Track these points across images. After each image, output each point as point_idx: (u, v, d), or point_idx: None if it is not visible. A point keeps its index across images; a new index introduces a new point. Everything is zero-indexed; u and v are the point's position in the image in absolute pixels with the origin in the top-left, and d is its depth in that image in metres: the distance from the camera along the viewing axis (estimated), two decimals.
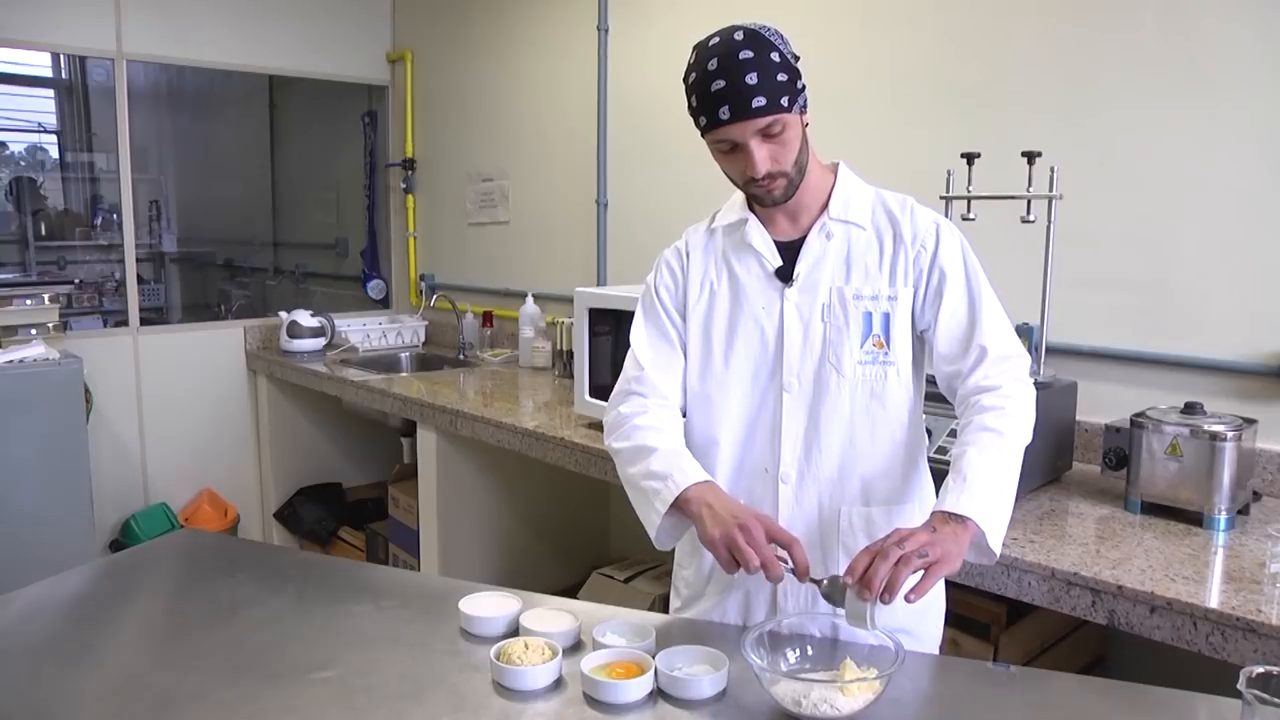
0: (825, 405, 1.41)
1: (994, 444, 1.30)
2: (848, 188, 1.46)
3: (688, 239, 1.55)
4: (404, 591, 1.59)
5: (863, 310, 1.41)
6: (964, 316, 1.41)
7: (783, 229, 1.47)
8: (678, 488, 1.34)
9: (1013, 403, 1.34)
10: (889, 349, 1.41)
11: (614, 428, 1.50)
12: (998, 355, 1.39)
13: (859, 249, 1.43)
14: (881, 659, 1.21)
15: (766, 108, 1.29)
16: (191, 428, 4.01)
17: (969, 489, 1.25)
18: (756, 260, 1.46)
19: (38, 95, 5.15)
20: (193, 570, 1.74)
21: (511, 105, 3.85)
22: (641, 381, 1.50)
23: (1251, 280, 1.98)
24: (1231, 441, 1.75)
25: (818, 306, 1.42)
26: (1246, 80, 1.96)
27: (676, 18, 3.14)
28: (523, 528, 3.31)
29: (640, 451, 1.42)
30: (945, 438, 1.89)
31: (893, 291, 1.41)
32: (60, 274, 4.60)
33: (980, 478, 1.27)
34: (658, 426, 1.45)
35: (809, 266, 1.43)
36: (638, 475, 1.41)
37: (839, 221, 1.44)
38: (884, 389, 1.41)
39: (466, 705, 1.20)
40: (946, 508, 1.25)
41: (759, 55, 1.29)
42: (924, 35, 2.48)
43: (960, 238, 1.45)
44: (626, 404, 1.50)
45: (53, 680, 1.29)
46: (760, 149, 1.33)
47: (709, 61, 1.31)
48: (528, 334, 3.58)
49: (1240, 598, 1.43)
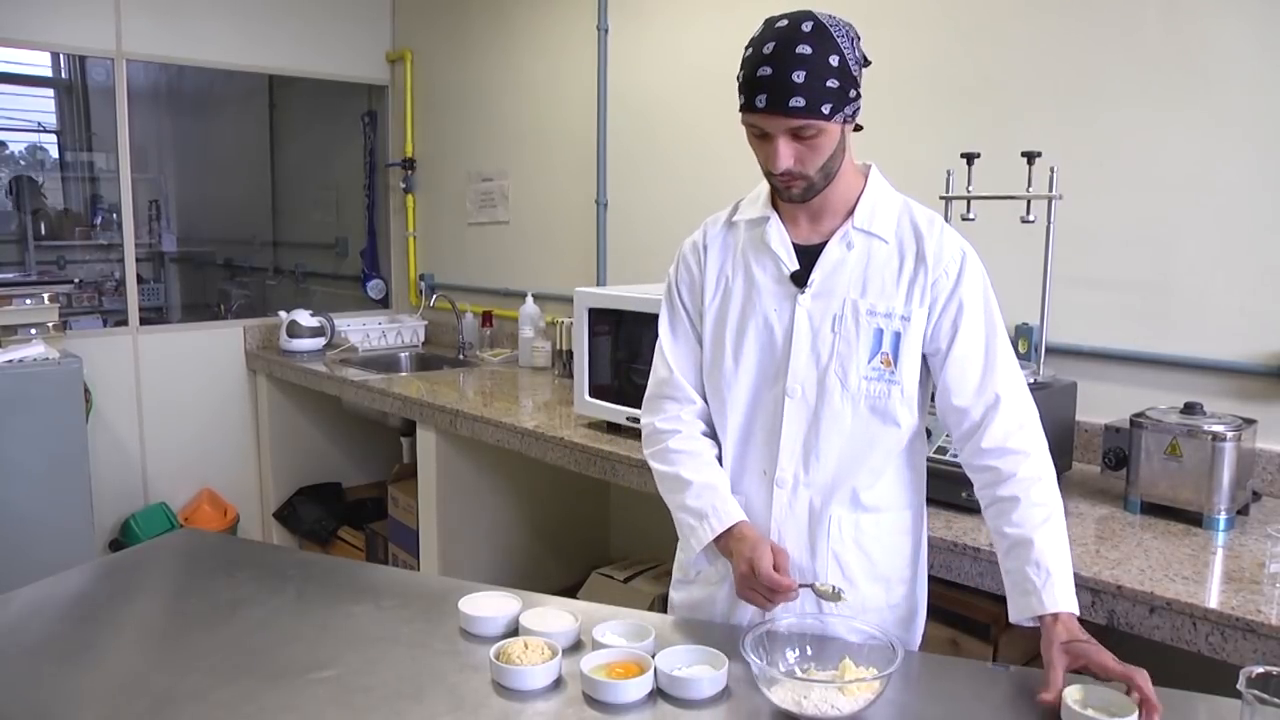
0: (826, 415, 1.40)
1: (1055, 524, 1.34)
2: (876, 196, 1.42)
3: (706, 231, 1.53)
4: (404, 591, 1.59)
5: (875, 326, 1.38)
6: (979, 357, 1.39)
7: (804, 231, 1.44)
8: (712, 532, 1.41)
9: (1049, 471, 1.37)
10: (896, 368, 1.39)
11: (651, 443, 1.54)
12: (1014, 408, 1.38)
13: (879, 262, 1.40)
14: (881, 659, 1.21)
15: (803, 110, 1.25)
16: (191, 427, 4.01)
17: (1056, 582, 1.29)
18: (773, 261, 1.43)
19: (38, 95, 5.15)
20: (192, 570, 1.74)
21: (511, 105, 3.85)
22: (672, 385, 1.52)
23: (1251, 280, 1.98)
24: (1231, 441, 1.75)
25: (829, 316, 1.40)
26: (1246, 80, 1.96)
27: (676, 18, 3.13)
28: (523, 528, 3.31)
29: (677, 482, 1.47)
30: (945, 437, 1.89)
31: (906, 311, 1.38)
32: (60, 274, 4.60)
33: (1060, 568, 1.30)
34: (693, 451, 1.48)
35: (825, 274, 1.40)
36: (676, 506, 1.48)
37: (862, 232, 1.40)
38: (886, 406, 1.40)
39: (466, 705, 1.20)
40: (1056, 609, 1.26)
41: (816, 53, 1.25)
42: (924, 35, 2.48)
43: (984, 272, 1.42)
44: (661, 417, 1.53)
45: (53, 680, 1.29)
46: (787, 146, 1.30)
47: (766, 43, 1.27)
48: (527, 334, 3.58)
49: (1240, 598, 1.43)
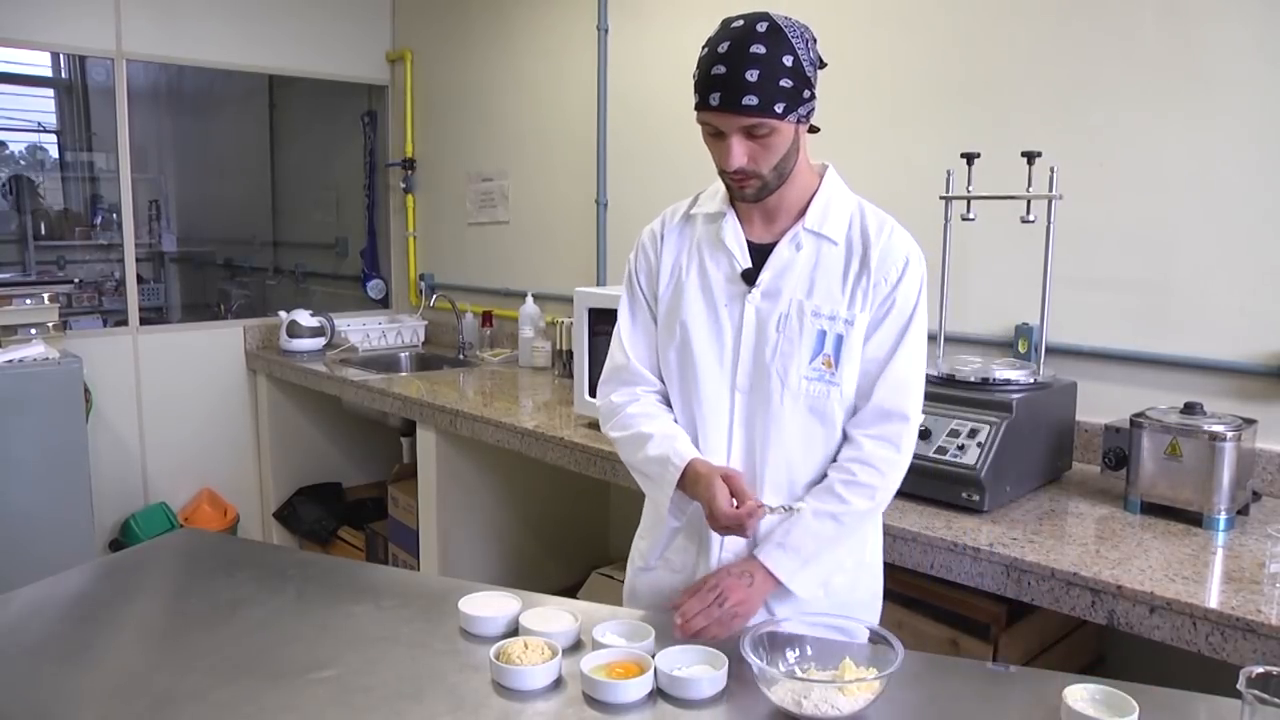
0: (770, 413, 1.44)
1: (832, 510, 1.40)
2: (829, 197, 1.46)
3: (664, 221, 1.57)
4: (404, 591, 1.59)
5: (818, 328, 1.42)
6: (883, 355, 1.43)
7: (758, 230, 1.48)
8: (676, 471, 1.42)
9: (884, 494, 1.43)
10: (837, 370, 1.42)
11: (608, 416, 1.58)
12: (885, 410, 1.42)
13: (826, 264, 1.43)
14: (881, 659, 1.21)
15: (756, 109, 1.29)
16: (191, 427, 4.01)
17: (788, 552, 1.39)
18: (727, 258, 1.47)
19: (38, 95, 5.16)
20: (192, 570, 1.74)
21: (511, 105, 3.85)
22: (629, 370, 1.56)
23: (1251, 280, 1.98)
24: (1231, 441, 1.75)
25: (776, 315, 1.43)
26: (1246, 80, 1.96)
27: (676, 18, 3.14)
28: (523, 527, 3.31)
29: (638, 439, 1.50)
30: (945, 437, 1.89)
31: (850, 315, 1.42)
32: (60, 274, 4.60)
33: (804, 543, 1.39)
34: (651, 413, 1.52)
35: (774, 275, 1.44)
36: (639, 462, 1.50)
37: (812, 233, 1.44)
38: (825, 406, 1.43)
39: (466, 705, 1.20)
40: (768, 564, 1.39)
41: (771, 53, 1.28)
42: (924, 35, 2.48)
43: (922, 278, 1.45)
44: (617, 393, 1.57)
45: (53, 680, 1.29)
46: (740, 145, 1.33)
47: (722, 42, 1.30)
48: (527, 334, 3.58)
49: (1240, 598, 1.43)
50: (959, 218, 2.13)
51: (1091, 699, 1.14)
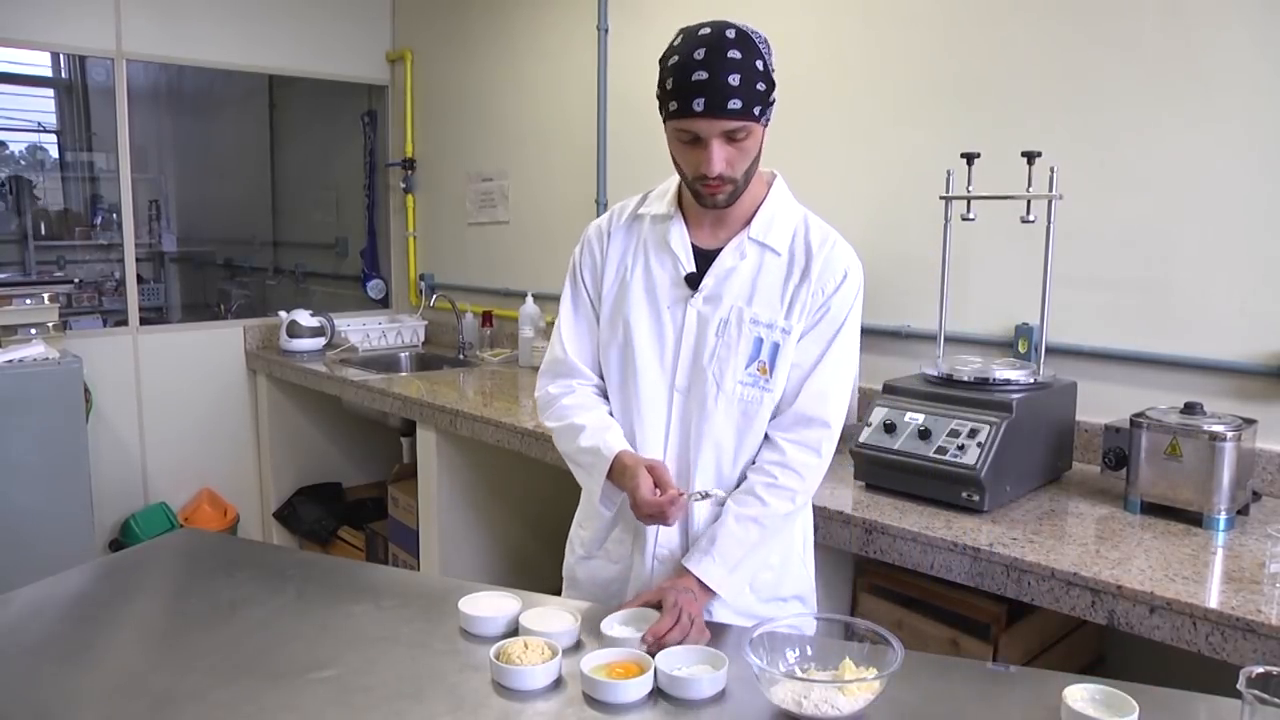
0: (704, 413, 1.47)
1: (754, 514, 1.43)
2: (775, 207, 1.49)
3: (612, 219, 1.59)
4: (404, 591, 1.59)
5: (755, 335, 1.45)
6: (809, 362, 1.47)
7: (705, 235, 1.50)
8: (605, 462, 1.46)
9: (789, 475, 1.45)
10: (771, 377, 1.46)
11: (545, 406, 1.61)
12: (806, 416, 1.45)
13: (768, 273, 1.47)
14: (881, 659, 1.21)
15: (740, 112, 1.31)
16: (191, 427, 4.01)
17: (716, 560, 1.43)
18: (672, 261, 1.50)
19: (38, 95, 5.16)
20: (192, 570, 1.74)
21: (511, 105, 3.85)
22: (567, 365, 1.59)
23: (1251, 280, 1.98)
24: (1231, 441, 1.75)
25: (716, 320, 1.46)
26: (1246, 80, 1.96)
27: (676, 18, 3.11)
28: (523, 527, 3.31)
29: (571, 430, 1.53)
30: (945, 437, 1.89)
31: (787, 325, 1.45)
32: (60, 274, 4.60)
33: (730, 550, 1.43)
34: (586, 405, 1.55)
35: (717, 280, 1.47)
36: (574, 453, 1.54)
37: (755, 243, 1.47)
38: (757, 412, 1.47)
39: (466, 705, 1.20)
40: (699, 574, 1.42)
41: (746, 59, 1.31)
42: (924, 35, 2.48)
43: (859, 290, 1.48)
44: (554, 384, 1.60)
45: (53, 680, 1.29)
46: (721, 150, 1.35)
47: (696, 50, 1.32)
48: (527, 334, 3.58)
49: (1240, 598, 1.43)
50: (959, 218, 2.12)
51: (1091, 699, 1.15)
